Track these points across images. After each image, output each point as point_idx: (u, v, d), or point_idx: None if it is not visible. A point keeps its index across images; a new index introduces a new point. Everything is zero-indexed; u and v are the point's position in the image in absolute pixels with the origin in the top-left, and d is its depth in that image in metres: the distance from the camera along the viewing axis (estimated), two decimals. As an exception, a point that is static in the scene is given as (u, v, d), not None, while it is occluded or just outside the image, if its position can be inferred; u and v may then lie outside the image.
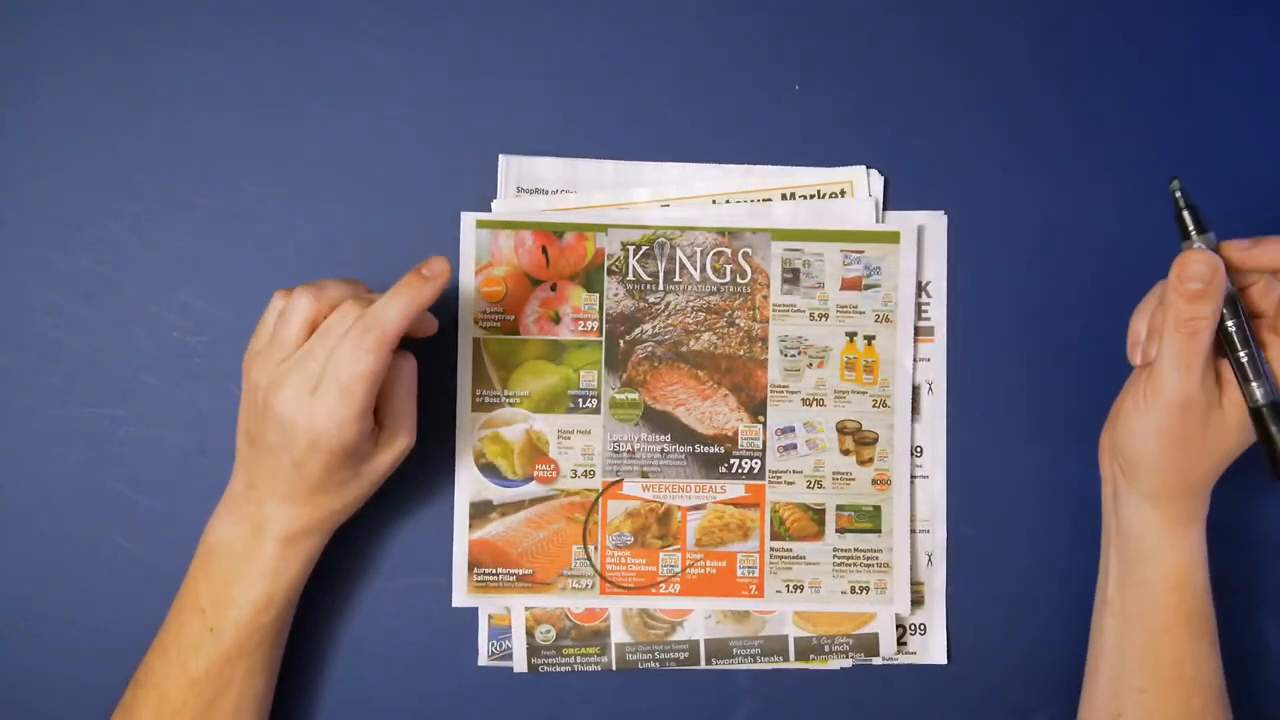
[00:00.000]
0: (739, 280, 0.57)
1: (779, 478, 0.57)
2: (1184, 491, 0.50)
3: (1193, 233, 0.48)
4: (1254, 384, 0.47)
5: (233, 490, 0.51)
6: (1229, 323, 0.47)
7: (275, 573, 0.50)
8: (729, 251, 0.57)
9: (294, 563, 0.50)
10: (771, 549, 0.57)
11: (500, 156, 0.57)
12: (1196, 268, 0.46)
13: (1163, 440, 0.48)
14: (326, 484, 0.49)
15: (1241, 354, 0.47)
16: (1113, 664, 0.51)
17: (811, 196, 0.57)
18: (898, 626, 0.58)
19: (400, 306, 0.46)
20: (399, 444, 0.51)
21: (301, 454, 0.47)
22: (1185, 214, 0.48)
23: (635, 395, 0.57)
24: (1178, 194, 0.48)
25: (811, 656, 0.57)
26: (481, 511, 0.57)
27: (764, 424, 0.57)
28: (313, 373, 0.46)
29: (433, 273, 0.48)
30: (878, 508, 0.57)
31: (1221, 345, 0.48)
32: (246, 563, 0.50)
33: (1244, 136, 0.59)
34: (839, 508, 0.57)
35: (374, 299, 0.48)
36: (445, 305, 0.57)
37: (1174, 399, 0.47)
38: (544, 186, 0.57)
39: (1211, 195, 0.58)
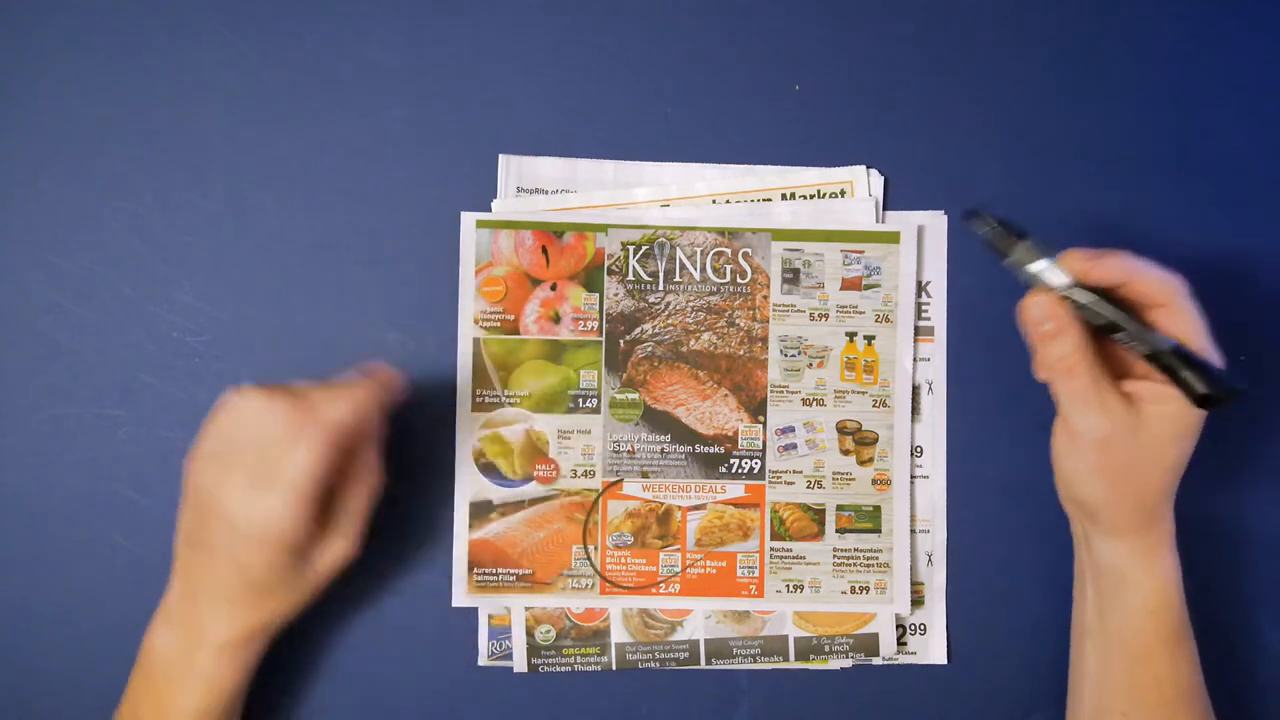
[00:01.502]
0: (739, 280, 0.57)
1: (779, 478, 0.57)
2: (1144, 518, 0.49)
3: (1016, 246, 0.48)
4: (1148, 340, 0.46)
5: (168, 599, 0.50)
6: (1092, 311, 0.47)
7: (212, 681, 0.49)
8: (729, 251, 0.57)
9: (231, 673, 0.49)
10: (771, 549, 0.57)
11: (500, 156, 0.57)
12: (1034, 312, 0.47)
13: (1104, 478, 0.48)
14: (268, 583, 0.48)
15: (1119, 335, 0.47)
16: (1095, 689, 0.51)
17: (811, 196, 0.57)
18: (898, 626, 0.58)
19: (344, 408, 0.46)
20: (340, 549, 0.49)
21: (245, 551, 0.47)
22: (1000, 230, 0.48)
23: (635, 395, 0.57)
24: (985, 223, 0.48)
25: (811, 656, 0.57)
26: (481, 511, 0.57)
27: (764, 424, 0.57)
28: (260, 470, 0.46)
29: (380, 384, 0.47)
30: (878, 508, 0.57)
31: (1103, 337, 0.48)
32: (183, 673, 0.49)
33: (1244, 136, 0.59)
34: (839, 508, 0.57)
35: (326, 395, 0.47)
36: (445, 305, 0.57)
37: (1092, 437, 0.47)
38: (544, 186, 0.57)
39: (1211, 195, 0.59)
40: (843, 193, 0.57)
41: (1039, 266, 0.47)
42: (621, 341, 0.57)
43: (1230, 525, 0.58)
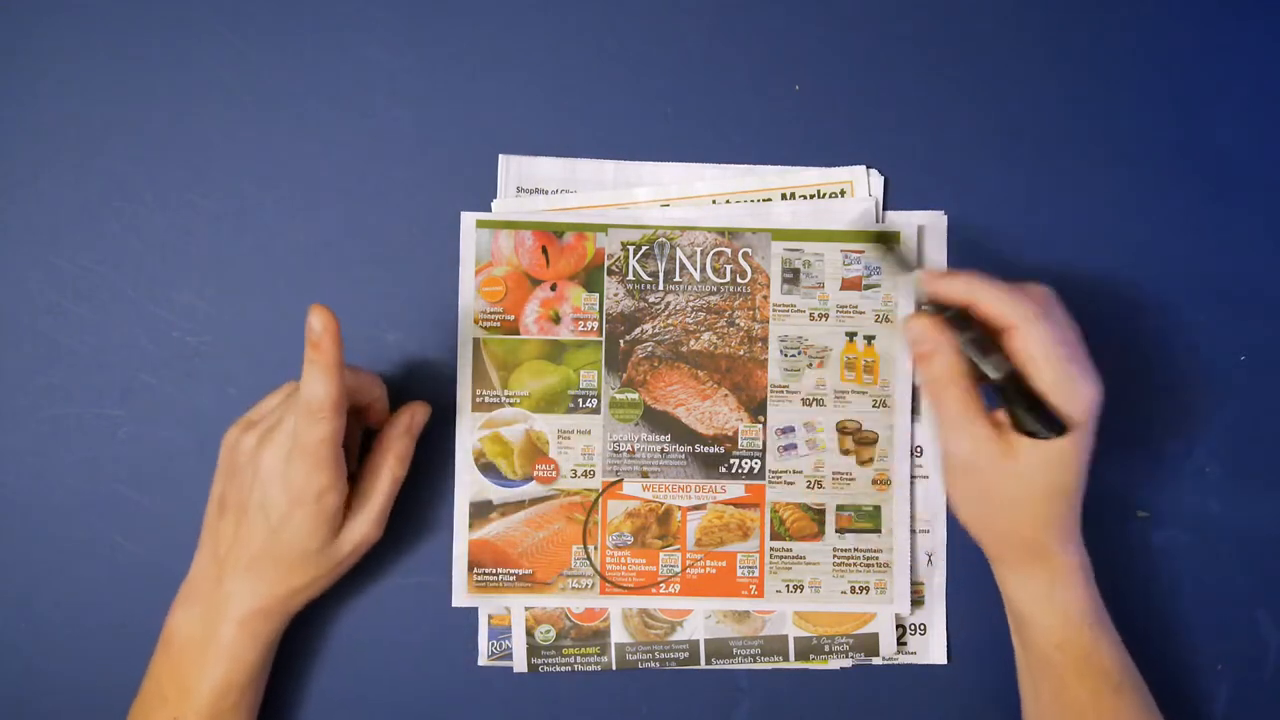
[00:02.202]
0: (739, 280, 0.57)
1: (779, 478, 0.57)
2: (1026, 552, 0.49)
3: (910, 273, 0.51)
4: (988, 362, 0.47)
5: (192, 575, 0.52)
6: (950, 333, 0.48)
7: (234, 657, 0.50)
8: (729, 251, 0.57)
9: (252, 646, 0.50)
10: (771, 549, 0.57)
11: (500, 156, 0.57)
12: (912, 332, 0.48)
13: (968, 506, 0.49)
14: (294, 554, 0.49)
15: (969, 350, 0.47)
16: (1035, 717, 0.52)
17: (811, 196, 0.57)
18: (898, 626, 0.58)
19: (313, 379, 0.46)
20: (363, 531, 0.51)
21: (280, 515, 0.48)
22: (901, 268, 0.51)
23: (635, 395, 0.57)
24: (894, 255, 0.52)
25: (811, 656, 0.57)
26: (481, 511, 0.57)
27: (764, 424, 0.57)
28: (284, 442, 0.48)
29: (315, 335, 0.46)
30: (878, 508, 0.57)
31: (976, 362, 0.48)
32: (205, 648, 0.50)
33: (1244, 137, 0.59)
34: (839, 508, 0.57)
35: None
36: (445, 305, 0.57)
37: (958, 461, 0.48)
38: (544, 186, 0.57)
39: (1211, 195, 0.59)
40: (843, 193, 0.57)
41: (917, 292, 0.50)
42: (621, 341, 0.57)
43: (1230, 525, 0.58)
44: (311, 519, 0.48)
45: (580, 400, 0.57)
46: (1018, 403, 0.47)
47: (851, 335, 0.57)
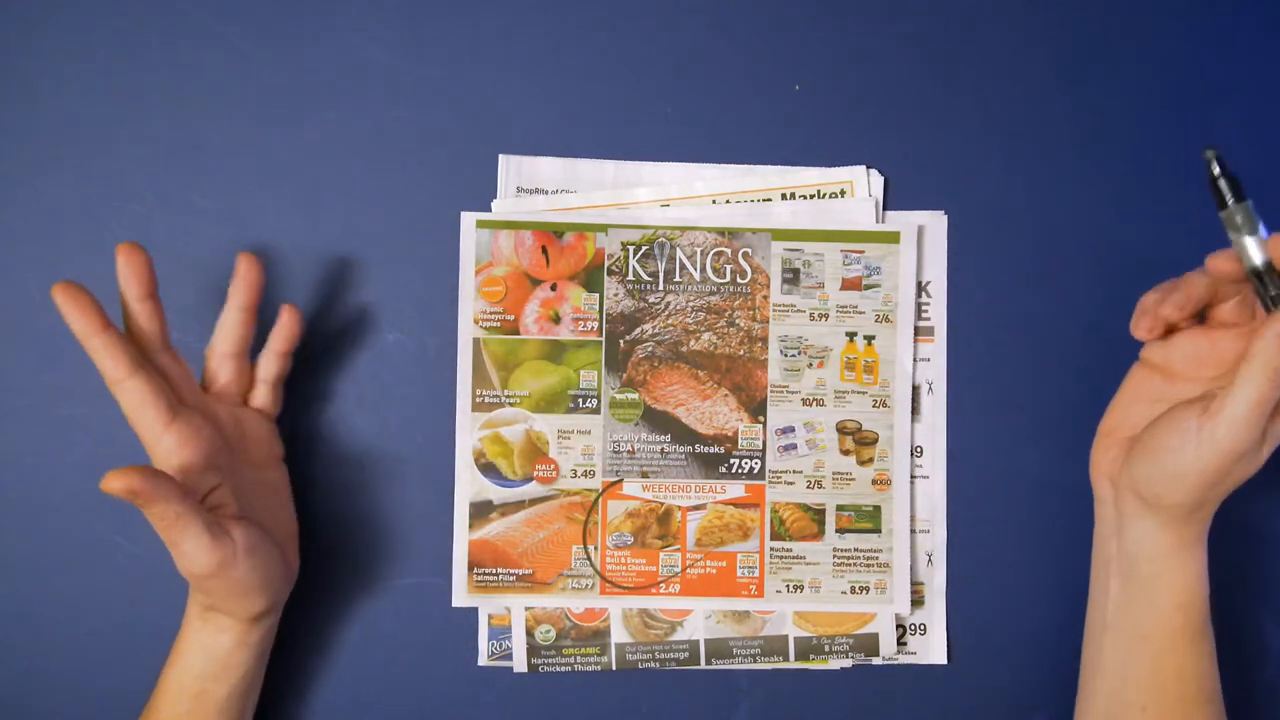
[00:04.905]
0: (739, 280, 0.57)
1: (779, 478, 0.57)
2: (1199, 516, 0.49)
3: (1229, 200, 0.45)
4: None
5: None
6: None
7: (202, 647, 0.49)
8: (729, 251, 0.57)
9: (215, 640, 0.49)
10: (771, 549, 0.57)
11: (500, 156, 0.57)
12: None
13: (1206, 480, 0.46)
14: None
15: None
16: (1112, 684, 0.51)
17: (811, 196, 0.57)
18: (898, 626, 0.58)
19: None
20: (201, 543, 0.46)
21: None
22: (1222, 181, 0.45)
23: (635, 395, 0.57)
24: (1214, 162, 0.46)
25: (811, 656, 0.57)
26: (481, 511, 0.57)
27: (764, 424, 0.57)
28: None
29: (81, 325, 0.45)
30: (878, 508, 0.57)
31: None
32: (181, 636, 0.50)
33: (1244, 136, 0.59)
34: (839, 508, 0.57)
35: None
36: (445, 305, 0.57)
37: (1236, 447, 0.45)
38: (544, 186, 0.57)
39: (1210, 195, 0.58)
40: (843, 193, 0.57)
41: (1248, 238, 0.45)
42: (621, 341, 0.57)
43: (1230, 525, 0.58)
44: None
45: (580, 400, 0.57)
46: None
47: (851, 335, 0.57)
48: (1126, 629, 0.50)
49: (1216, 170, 0.46)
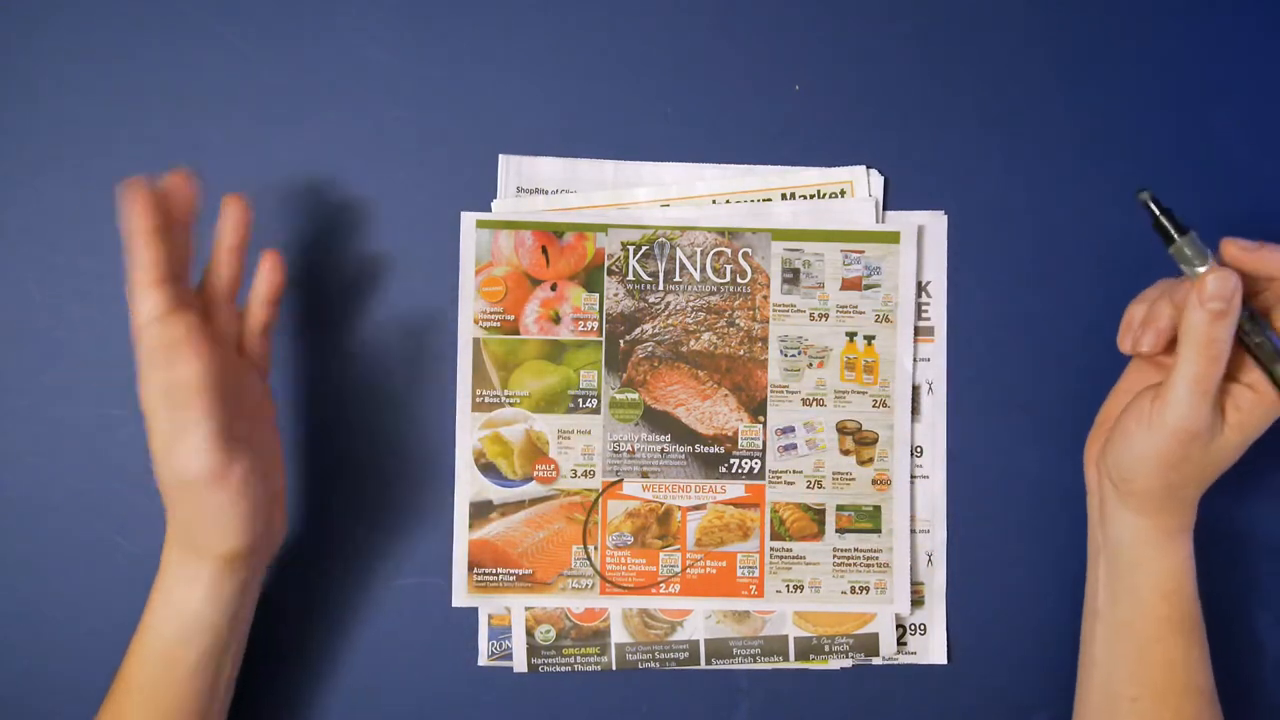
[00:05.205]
0: (739, 280, 0.57)
1: (779, 478, 0.57)
2: (1175, 505, 0.49)
3: (1175, 236, 0.47)
4: (1271, 343, 0.46)
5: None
6: (1243, 313, 0.46)
7: (177, 601, 0.49)
8: (729, 251, 0.57)
9: (192, 591, 0.49)
10: (771, 549, 0.57)
11: (500, 156, 0.57)
12: (1218, 286, 0.45)
13: (1163, 463, 0.48)
14: (160, 469, 0.47)
15: (1258, 339, 0.47)
16: (1105, 673, 0.51)
17: (811, 196, 0.57)
18: (898, 626, 0.58)
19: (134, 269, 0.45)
20: (194, 446, 0.46)
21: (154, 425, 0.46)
22: (1163, 219, 0.47)
23: (635, 395, 0.57)
24: (1151, 204, 0.48)
25: (811, 656, 0.57)
26: (481, 511, 0.57)
27: (764, 424, 0.57)
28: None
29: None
30: (878, 508, 0.57)
31: (1238, 342, 0.47)
32: (157, 591, 0.50)
33: (1244, 136, 0.59)
34: (839, 508, 0.57)
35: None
36: (445, 305, 0.57)
37: (1184, 427, 0.46)
38: (544, 186, 0.57)
39: (1210, 195, 0.59)
40: (843, 193, 0.57)
41: (1199, 268, 0.46)
42: (621, 341, 0.57)
43: (1229, 525, 0.58)
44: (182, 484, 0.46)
45: (580, 400, 0.57)
46: None
47: (851, 335, 0.57)
48: (1113, 618, 0.51)
49: (1156, 211, 0.47)
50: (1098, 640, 0.52)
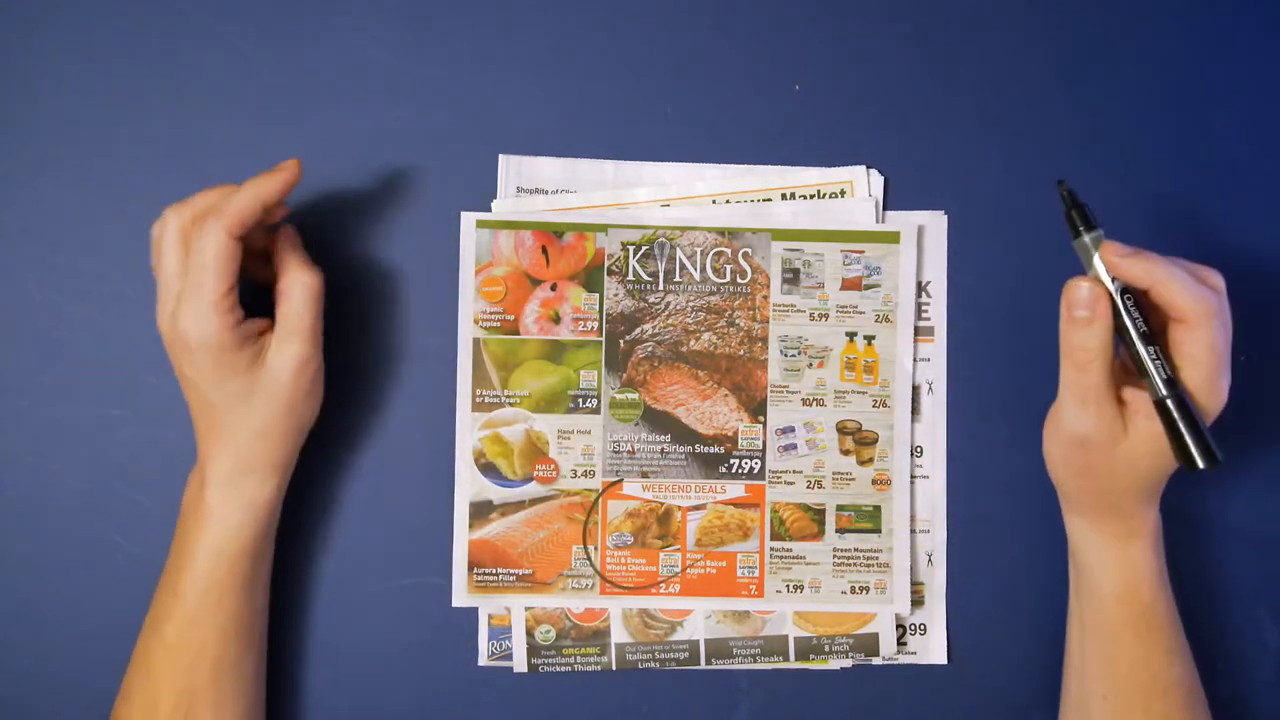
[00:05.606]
0: (739, 280, 0.57)
1: (779, 478, 0.57)
2: (1110, 512, 0.50)
3: (1081, 230, 0.47)
4: (1154, 377, 0.46)
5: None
6: (1125, 318, 0.46)
7: (217, 520, 0.50)
8: (729, 251, 0.57)
9: (234, 508, 0.50)
10: (771, 549, 0.57)
11: (500, 156, 0.57)
12: (1081, 294, 0.46)
13: (1069, 470, 0.49)
14: (223, 399, 0.49)
15: (1140, 349, 0.46)
16: (1078, 672, 0.52)
17: (811, 196, 0.57)
18: (898, 626, 0.58)
19: (242, 197, 0.47)
20: (293, 350, 0.49)
21: (189, 367, 0.48)
22: (1073, 213, 0.48)
23: (635, 395, 0.57)
24: (1064, 196, 0.48)
25: (811, 656, 0.57)
26: (481, 511, 0.57)
27: (764, 424, 0.57)
28: (183, 285, 0.48)
29: (282, 168, 0.48)
30: (878, 508, 0.57)
31: (1120, 342, 0.47)
32: (195, 518, 0.50)
33: (1244, 136, 0.59)
34: (839, 508, 0.57)
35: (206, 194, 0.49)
36: (445, 305, 0.57)
37: (1073, 433, 0.47)
38: (544, 186, 0.57)
39: (1210, 195, 0.59)
40: (843, 193, 0.57)
41: (1094, 261, 0.47)
42: (621, 341, 0.57)
43: (1230, 525, 0.58)
44: (210, 354, 0.47)
45: (580, 400, 0.57)
46: (1184, 425, 0.45)
47: (851, 335, 0.57)
48: (1080, 617, 0.52)
49: (1067, 205, 0.48)
50: (1072, 638, 0.53)
